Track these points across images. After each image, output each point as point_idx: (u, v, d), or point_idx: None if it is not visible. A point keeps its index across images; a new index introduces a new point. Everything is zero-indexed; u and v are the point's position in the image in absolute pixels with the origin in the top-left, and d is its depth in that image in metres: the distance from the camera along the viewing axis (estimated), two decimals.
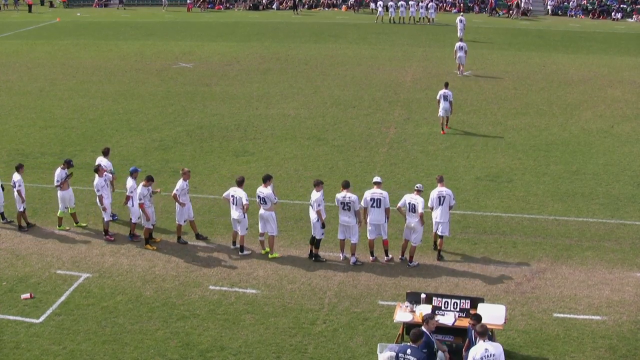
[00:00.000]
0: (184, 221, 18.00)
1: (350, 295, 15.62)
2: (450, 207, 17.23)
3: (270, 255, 17.38)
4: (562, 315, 14.82)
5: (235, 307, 15.19)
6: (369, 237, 16.95)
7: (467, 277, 16.41)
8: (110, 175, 18.92)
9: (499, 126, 28.17)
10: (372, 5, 57.26)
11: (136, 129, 28.00)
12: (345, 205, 16.71)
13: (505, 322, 13.30)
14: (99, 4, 69.86)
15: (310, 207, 17.16)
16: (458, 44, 37.12)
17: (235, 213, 17.36)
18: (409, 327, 13.78)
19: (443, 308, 13.48)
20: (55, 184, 18.68)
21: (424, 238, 17.03)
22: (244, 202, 17.13)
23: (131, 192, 17.88)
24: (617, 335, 14.08)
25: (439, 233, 17.12)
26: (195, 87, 34.75)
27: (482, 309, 13.21)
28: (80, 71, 38.57)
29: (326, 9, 65.77)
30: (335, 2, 66.45)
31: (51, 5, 70.38)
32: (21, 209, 18.69)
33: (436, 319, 13.26)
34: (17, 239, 18.49)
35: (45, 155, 24.92)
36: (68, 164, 18.84)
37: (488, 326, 13.14)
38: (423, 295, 13.76)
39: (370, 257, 17.11)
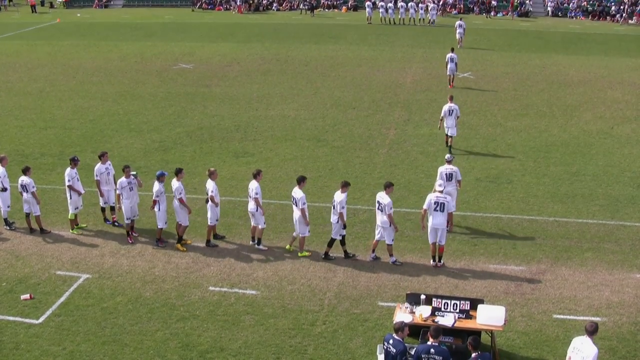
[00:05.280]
0: (216, 221, 18.14)
1: (350, 297, 15.62)
2: (457, 118, 24.72)
3: (299, 254, 17.40)
4: (561, 316, 14.82)
5: (235, 308, 15.18)
6: (430, 241, 16.88)
7: (466, 278, 16.41)
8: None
9: (499, 127, 28.18)
10: (380, 5, 57.28)
11: (136, 129, 28.01)
12: (379, 206, 16.75)
13: (505, 324, 13.30)
14: (99, 4, 69.89)
15: (332, 208, 17.08)
16: (458, 22, 45.97)
17: (249, 205, 17.60)
18: (409, 328, 13.80)
19: (443, 309, 13.48)
20: (67, 183, 18.60)
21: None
22: (252, 195, 17.30)
23: (157, 196, 17.70)
24: (617, 336, 14.08)
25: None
26: (196, 88, 34.76)
27: (482, 310, 13.22)
28: (81, 72, 38.58)
29: (326, 10, 65.82)
30: (335, 3, 66.53)
31: (51, 6, 70.39)
32: (38, 212, 18.67)
33: (436, 320, 13.33)
34: (17, 240, 18.49)
35: (45, 156, 24.91)
36: (74, 162, 18.76)
37: (488, 328, 13.20)
38: (423, 297, 13.75)
39: (432, 262, 17.00)
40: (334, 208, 16.95)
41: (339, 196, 16.86)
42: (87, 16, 62.99)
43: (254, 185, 17.47)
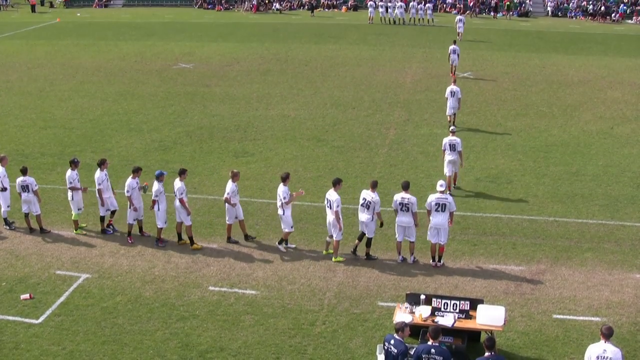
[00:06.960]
0: (234, 220, 18.11)
1: (350, 296, 15.62)
2: (459, 99, 26.87)
3: (334, 259, 17.26)
4: (561, 316, 14.82)
5: (235, 308, 15.18)
6: (432, 241, 16.87)
7: (466, 278, 16.41)
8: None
9: (498, 127, 28.18)
10: (382, 6, 57.31)
11: (136, 129, 28.00)
12: (404, 207, 16.76)
13: (504, 324, 13.30)
14: (99, 4, 69.88)
15: (360, 206, 17.08)
16: (459, 17, 48.22)
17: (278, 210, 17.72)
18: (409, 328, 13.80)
19: (442, 309, 13.48)
20: (68, 185, 18.56)
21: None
22: (279, 200, 17.38)
23: (156, 196, 17.69)
24: (617, 336, 14.03)
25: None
26: (195, 87, 34.75)
27: (482, 310, 13.22)
28: (80, 71, 38.57)
29: (326, 9, 65.82)
30: (334, 2, 66.55)
31: (51, 5, 70.38)
32: (38, 212, 18.63)
33: (436, 320, 13.33)
34: (17, 239, 18.48)
35: (45, 155, 24.91)
36: (75, 164, 18.70)
37: (487, 328, 13.20)
38: (423, 297, 13.75)
39: (432, 262, 17.01)
40: (363, 207, 16.94)
41: (374, 196, 16.86)
42: (87, 16, 62.96)
43: (280, 190, 17.48)
